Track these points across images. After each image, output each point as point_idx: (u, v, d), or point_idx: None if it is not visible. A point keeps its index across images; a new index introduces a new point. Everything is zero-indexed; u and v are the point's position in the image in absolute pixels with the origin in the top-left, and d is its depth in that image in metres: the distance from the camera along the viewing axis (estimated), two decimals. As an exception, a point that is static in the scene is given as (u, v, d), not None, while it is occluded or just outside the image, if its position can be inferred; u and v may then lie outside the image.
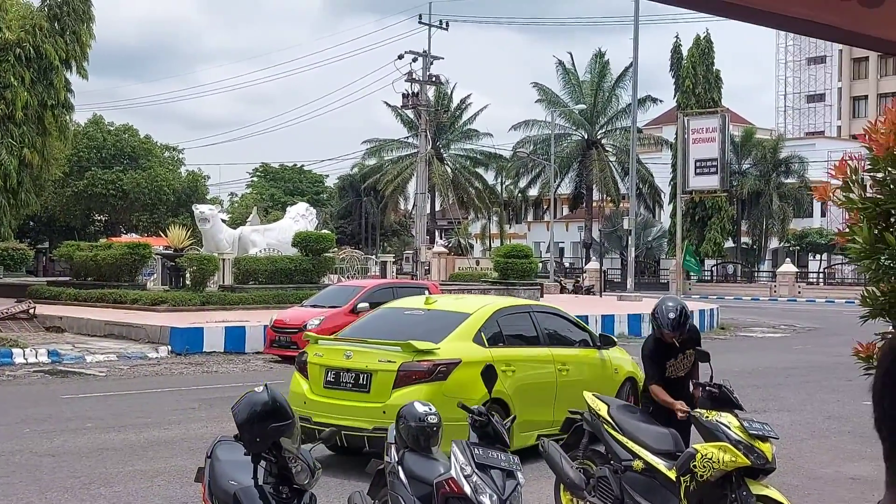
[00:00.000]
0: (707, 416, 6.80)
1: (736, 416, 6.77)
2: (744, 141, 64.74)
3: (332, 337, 10.32)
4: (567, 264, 76.68)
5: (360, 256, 42.52)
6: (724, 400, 6.93)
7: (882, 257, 6.39)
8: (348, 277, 37.20)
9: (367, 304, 19.48)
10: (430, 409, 5.53)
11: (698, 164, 53.80)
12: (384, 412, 8.89)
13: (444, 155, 70.60)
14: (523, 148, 67.20)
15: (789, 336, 30.31)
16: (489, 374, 6.28)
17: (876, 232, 6.44)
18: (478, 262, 54.22)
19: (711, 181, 54.06)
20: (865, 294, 6.85)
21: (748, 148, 64.58)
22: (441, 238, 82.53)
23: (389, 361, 9.28)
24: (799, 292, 56.70)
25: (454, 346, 9.55)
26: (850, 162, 6.77)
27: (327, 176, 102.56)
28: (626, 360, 11.57)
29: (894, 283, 6.66)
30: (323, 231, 38.18)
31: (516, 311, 10.78)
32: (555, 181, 62.11)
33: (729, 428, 6.63)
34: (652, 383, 7.51)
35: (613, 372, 11.28)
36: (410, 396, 8.69)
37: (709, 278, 63.68)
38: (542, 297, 38.86)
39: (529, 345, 10.53)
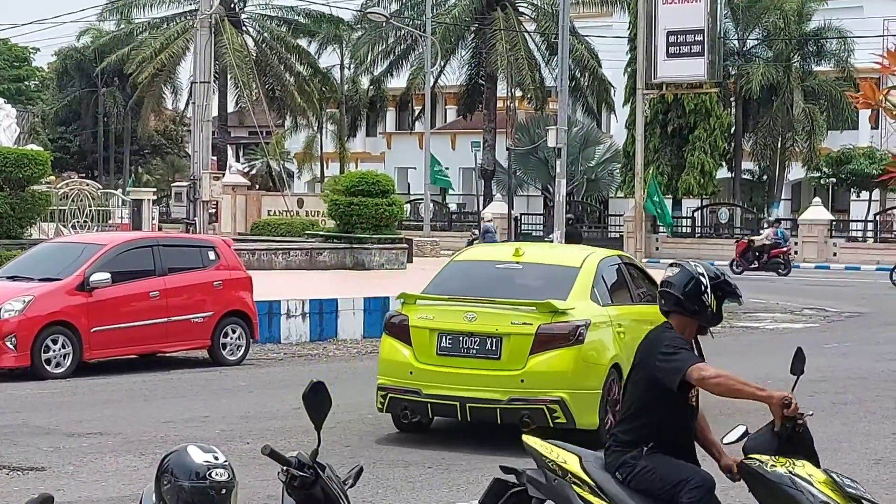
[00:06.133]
0: (773, 466, 7.18)
1: (818, 465, 7.24)
2: (750, 2, 65.54)
3: (433, 296, 14.35)
4: (454, 206, 78.11)
5: (95, 191, 43.49)
6: (798, 439, 7.31)
7: None
8: (74, 229, 37.75)
9: (106, 276, 19.88)
10: (217, 459, 5.43)
11: (673, 38, 54.02)
12: (522, 380, 13.55)
13: (243, 16, 71.14)
14: (379, 8, 66.67)
15: (817, 327, 31.63)
16: (315, 396, 6.35)
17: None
18: (301, 203, 56.06)
19: (694, 67, 53.80)
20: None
21: (756, 13, 65.35)
22: (239, 160, 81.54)
23: (525, 324, 13.61)
24: (834, 254, 57.77)
25: (579, 306, 13.95)
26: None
27: (36, 50, 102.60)
28: None
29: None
30: (30, 146, 38.84)
31: (613, 264, 15.63)
32: (434, 65, 62.35)
33: (811, 484, 7.01)
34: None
35: None
36: (551, 363, 13.57)
37: (689, 230, 64.81)
38: (410, 261, 38.73)
39: (626, 301, 15.25)
